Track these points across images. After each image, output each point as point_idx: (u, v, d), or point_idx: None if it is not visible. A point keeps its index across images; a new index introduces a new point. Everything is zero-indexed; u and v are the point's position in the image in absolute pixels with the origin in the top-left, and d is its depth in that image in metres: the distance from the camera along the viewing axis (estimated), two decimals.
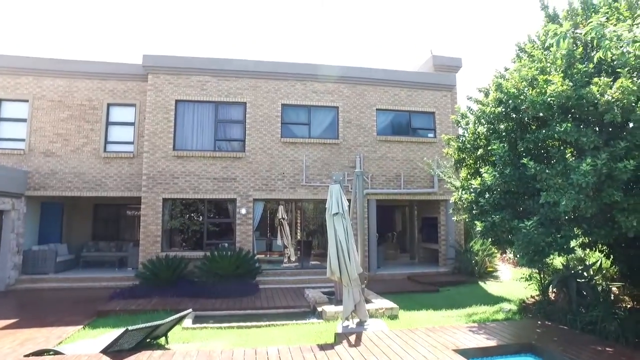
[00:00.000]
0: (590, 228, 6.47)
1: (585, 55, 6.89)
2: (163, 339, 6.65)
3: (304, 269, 13.12)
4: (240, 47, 50.02)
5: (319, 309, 8.56)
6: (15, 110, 12.64)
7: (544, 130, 6.60)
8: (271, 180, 12.97)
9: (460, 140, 8.90)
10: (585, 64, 6.57)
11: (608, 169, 5.54)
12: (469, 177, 8.58)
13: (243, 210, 12.65)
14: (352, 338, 6.30)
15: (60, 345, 6.47)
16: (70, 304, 9.60)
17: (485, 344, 6.00)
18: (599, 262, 8.76)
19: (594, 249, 8.50)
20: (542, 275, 8.70)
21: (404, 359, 5.37)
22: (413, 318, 8.22)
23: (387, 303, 8.73)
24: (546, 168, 6.24)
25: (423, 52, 23.09)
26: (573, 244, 7.57)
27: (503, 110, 7.42)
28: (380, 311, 8.27)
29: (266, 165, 12.98)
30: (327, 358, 5.46)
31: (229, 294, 10.14)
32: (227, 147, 13.14)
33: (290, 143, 13.20)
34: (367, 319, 7.29)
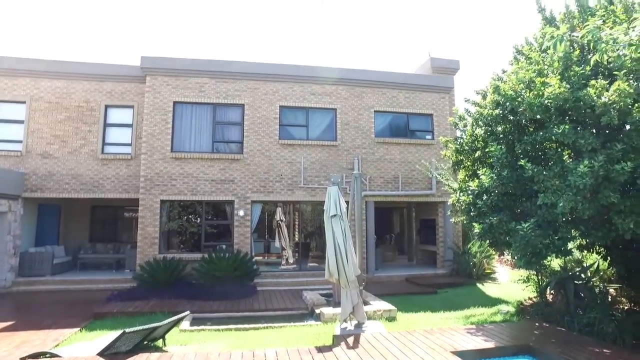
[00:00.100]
0: (588, 230, 6.49)
1: (582, 57, 6.93)
2: (161, 341, 6.63)
3: (302, 271, 13.10)
4: (240, 48, 50.07)
5: (317, 311, 8.55)
6: (12, 111, 12.61)
7: (542, 132, 6.62)
8: (269, 182, 12.97)
9: (458, 142, 8.93)
10: (582, 66, 6.61)
11: (605, 170, 5.56)
12: (467, 179, 8.60)
13: (241, 212, 12.63)
14: (350, 340, 6.29)
15: (56, 347, 6.43)
16: (67, 306, 9.56)
17: (483, 346, 6.01)
18: (596, 264, 8.78)
19: (592, 250, 8.53)
20: (540, 277, 8.71)
21: None
22: (411, 320, 8.22)
23: (385, 305, 8.72)
24: (544, 170, 6.25)
25: (421, 54, 23.18)
26: (570, 245, 7.58)
27: (500, 112, 7.45)
28: (378, 313, 8.27)
29: (264, 167, 12.98)
30: None
31: (226, 296, 10.12)
32: (225, 149, 13.14)
33: (288, 145, 13.20)
34: (365, 321, 7.28)
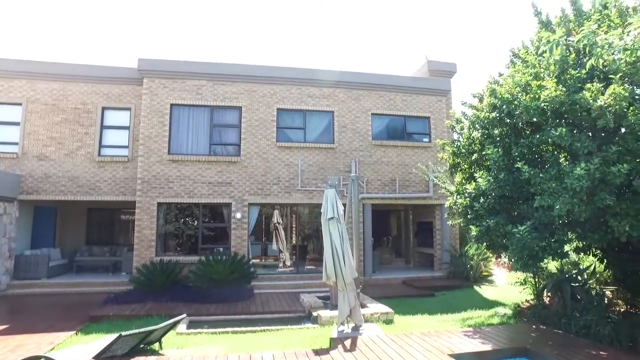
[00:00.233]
0: (584, 232, 6.52)
1: (578, 61, 6.97)
2: (157, 345, 6.60)
3: (299, 274, 13.08)
4: (240, 49, 50.10)
5: (314, 314, 8.54)
6: (8, 113, 12.54)
7: (538, 135, 6.66)
8: (266, 185, 12.96)
9: (455, 145, 8.95)
10: (578, 69, 6.65)
11: (601, 173, 5.60)
12: (464, 182, 8.63)
13: (238, 215, 12.61)
14: (348, 343, 6.29)
15: (52, 351, 6.39)
16: (63, 310, 9.50)
17: (480, 349, 6.01)
18: (592, 266, 8.81)
19: (588, 253, 8.56)
20: (537, 280, 8.73)
21: None
22: (408, 322, 8.21)
23: (383, 308, 8.72)
24: (540, 172, 6.28)
25: (418, 57, 23.27)
26: (567, 248, 7.62)
27: (497, 115, 7.48)
28: (375, 316, 8.26)
29: (261, 169, 12.97)
30: None
31: (223, 299, 10.09)
32: (223, 152, 13.13)
33: (285, 147, 13.20)
34: (363, 323, 7.28)
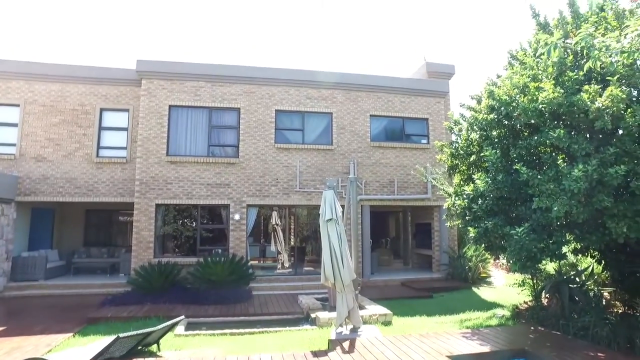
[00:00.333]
0: (582, 234, 6.53)
1: (576, 62, 6.99)
2: (155, 347, 6.57)
3: (297, 275, 13.07)
4: (241, 51, 50.13)
5: (313, 316, 8.52)
6: (6, 114, 12.51)
7: (536, 137, 6.66)
8: (265, 186, 12.95)
9: (453, 147, 8.96)
10: (576, 71, 6.66)
11: (599, 175, 5.61)
12: (462, 183, 8.63)
13: (236, 216, 12.60)
14: (346, 344, 6.27)
15: (49, 353, 6.36)
16: (60, 311, 9.46)
17: (478, 350, 6.01)
18: (590, 268, 8.83)
19: (586, 254, 8.57)
20: (535, 281, 8.74)
21: None
22: (407, 324, 8.21)
23: (381, 309, 8.71)
24: (538, 174, 6.29)
25: (417, 59, 23.30)
26: (565, 249, 7.63)
27: (495, 117, 7.49)
28: (374, 317, 8.25)
29: (260, 171, 12.96)
30: None
31: (222, 301, 10.06)
32: (221, 153, 13.12)
33: (284, 149, 13.20)
34: (361, 325, 7.26)
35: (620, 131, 6.07)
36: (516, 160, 6.96)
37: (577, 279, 8.17)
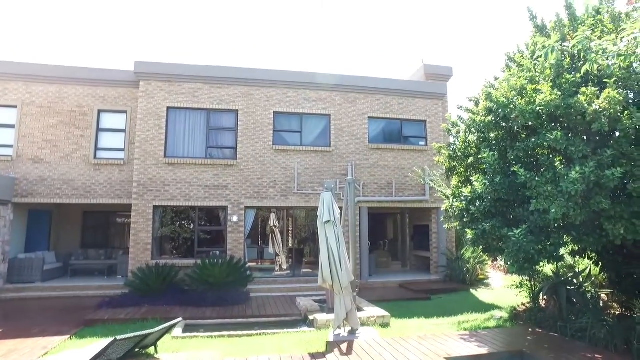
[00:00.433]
0: (580, 236, 6.55)
1: (573, 65, 7.03)
2: (152, 349, 6.54)
3: (295, 277, 13.05)
4: (240, 51, 50.16)
5: (311, 318, 8.51)
6: (3, 116, 12.48)
7: (534, 139, 6.69)
8: (263, 188, 12.94)
9: (451, 149, 8.99)
10: (573, 74, 6.70)
11: (596, 177, 5.63)
12: (460, 185, 8.64)
13: (234, 218, 12.58)
14: (344, 346, 6.27)
15: (45, 356, 6.34)
16: (57, 314, 9.42)
17: (476, 352, 6.01)
18: (588, 270, 8.85)
19: (583, 256, 8.59)
20: (533, 283, 8.75)
21: None
22: (405, 326, 8.20)
23: (379, 311, 8.71)
24: (536, 176, 6.31)
25: (415, 61, 23.36)
26: (562, 251, 7.64)
27: (493, 119, 7.51)
28: (372, 319, 8.25)
29: (258, 172, 12.96)
30: None
31: (219, 303, 10.04)
32: (219, 155, 13.10)
33: (282, 151, 13.20)
34: (359, 327, 7.26)
35: (617, 133, 6.10)
36: (514, 163, 6.97)
37: (575, 281, 8.19)
